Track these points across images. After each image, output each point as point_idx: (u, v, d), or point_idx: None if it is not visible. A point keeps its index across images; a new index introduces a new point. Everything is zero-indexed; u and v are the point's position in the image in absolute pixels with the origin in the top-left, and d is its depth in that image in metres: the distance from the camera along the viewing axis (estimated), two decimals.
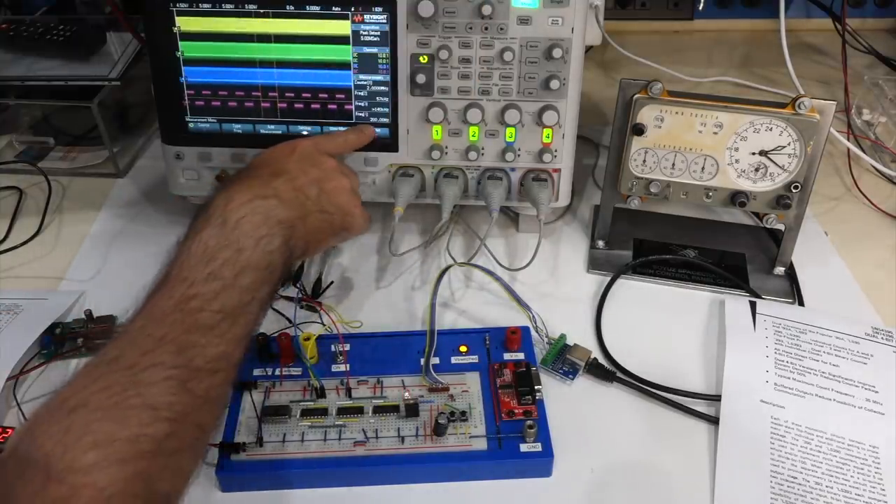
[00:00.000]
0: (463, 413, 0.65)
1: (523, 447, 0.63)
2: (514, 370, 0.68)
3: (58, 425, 0.45)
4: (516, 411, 0.65)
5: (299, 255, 0.66)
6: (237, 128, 0.81)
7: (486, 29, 0.75)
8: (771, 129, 0.73)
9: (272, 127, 0.81)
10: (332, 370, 0.69)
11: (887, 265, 0.84)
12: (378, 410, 0.66)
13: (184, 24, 0.76)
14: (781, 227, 0.79)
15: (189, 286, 0.54)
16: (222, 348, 0.53)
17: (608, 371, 0.71)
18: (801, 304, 0.79)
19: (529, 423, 0.63)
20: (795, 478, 0.62)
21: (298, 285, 0.80)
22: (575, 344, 0.72)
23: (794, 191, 0.75)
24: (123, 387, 0.47)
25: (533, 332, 0.73)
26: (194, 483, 0.61)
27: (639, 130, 0.75)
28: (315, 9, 0.75)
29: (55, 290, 0.81)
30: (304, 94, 0.79)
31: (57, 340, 0.73)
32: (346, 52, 0.77)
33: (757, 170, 0.75)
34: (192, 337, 0.52)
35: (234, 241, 0.57)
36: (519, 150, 0.80)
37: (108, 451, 0.45)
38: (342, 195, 0.69)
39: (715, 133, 0.74)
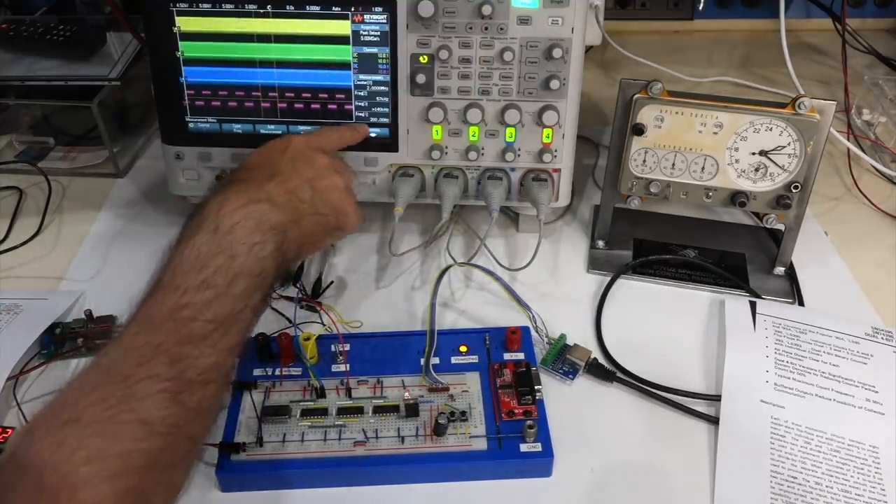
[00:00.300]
0: (463, 413, 0.65)
1: (523, 447, 0.63)
2: (514, 370, 0.68)
3: (52, 437, 0.45)
4: (516, 411, 0.65)
5: (292, 258, 0.65)
6: (237, 128, 0.81)
7: (486, 29, 0.75)
8: (771, 129, 0.73)
9: (272, 127, 0.81)
10: (332, 370, 0.69)
11: (887, 265, 0.84)
12: (378, 410, 0.66)
13: (184, 24, 0.76)
14: (781, 227, 0.79)
15: (182, 294, 0.53)
16: (214, 358, 0.53)
17: (608, 371, 0.71)
18: (801, 304, 0.79)
19: (529, 423, 0.63)
20: (795, 478, 0.62)
21: (298, 285, 0.80)
22: (575, 344, 0.72)
23: (794, 191, 0.75)
24: (118, 400, 0.47)
25: (533, 332, 0.73)
26: (194, 483, 0.62)
27: (639, 130, 0.75)
28: (315, 9, 0.75)
29: (55, 290, 0.81)
30: (304, 94, 0.79)
31: (57, 340, 0.73)
32: (346, 52, 0.77)
33: (757, 170, 0.75)
34: (184, 348, 0.51)
35: (226, 248, 0.57)
36: (519, 150, 0.80)
37: (101, 466, 0.44)
38: (334, 193, 0.68)
39: (715, 133, 0.74)
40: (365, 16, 0.75)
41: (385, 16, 0.75)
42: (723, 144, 0.75)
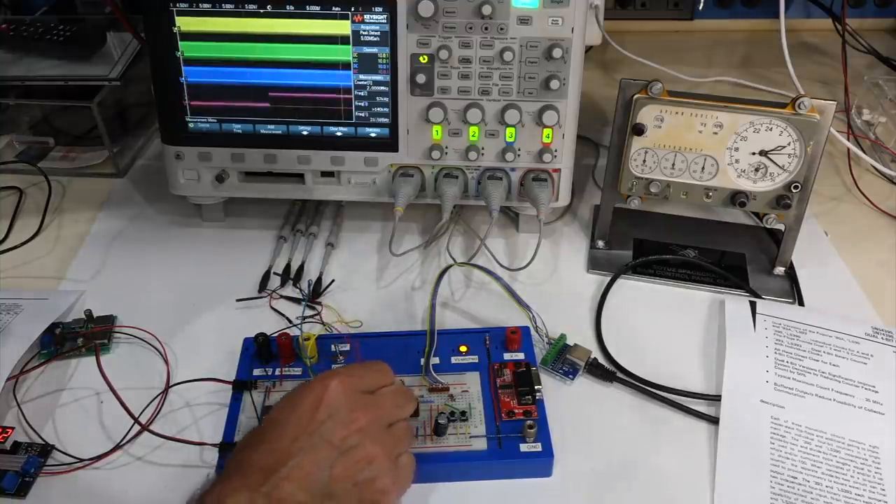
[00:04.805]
0: (463, 413, 0.65)
1: (523, 447, 0.63)
2: (514, 370, 0.68)
3: None
4: (516, 411, 0.65)
5: None
6: (237, 128, 0.81)
7: (486, 29, 0.75)
8: (771, 129, 0.73)
9: (272, 127, 0.81)
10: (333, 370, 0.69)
11: (887, 265, 0.84)
12: None
13: (184, 24, 0.76)
14: (781, 227, 0.79)
15: None
16: None
17: (608, 371, 0.71)
18: (801, 304, 0.79)
19: (529, 423, 0.63)
20: (795, 478, 0.62)
21: (299, 285, 0.80)
22: (575, 344, 0.72)
23: (794, 191, 0.75)
24: None
25: (533, 332, 0.73)
26: (194, 483, 0.62)
27: (639, 130, 0.75)
28: (315, 9, 0.75)
29: (55, 290, 0.81)
30: (304, 94, 0.79)
31: (57, 340, 0.73)
32: (346, 52, 0.77)
33: (757, 170, 0.75)
34: None
35: None
36: (519, 150, 0.80)
37: None
38: (366, 471, 0.54)
39: (715, 133, 0.74)
40: (365, 16, 0.75)
41: (385, 16, 0.75)
42: (723, 144, 0.75)
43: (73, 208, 0.93)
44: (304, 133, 0.81)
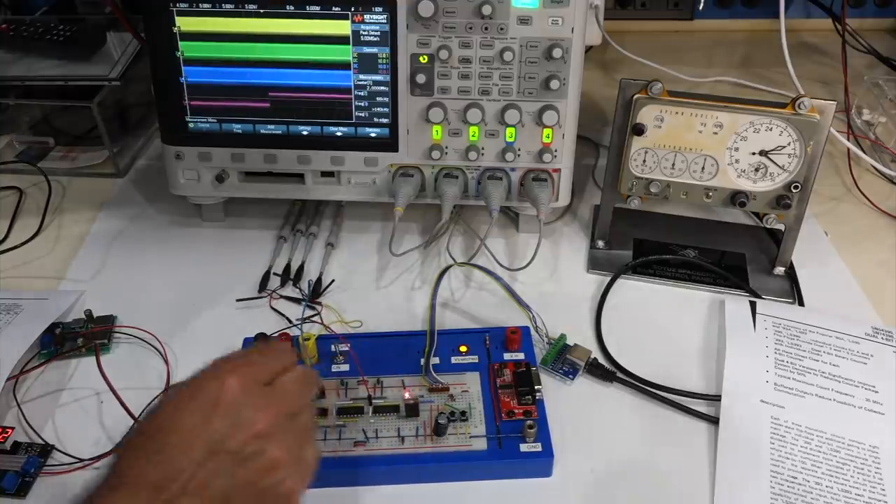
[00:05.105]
0: (463, 413, 0.65)
1: (523, 447, 0.63)
2: (514, 370, 0.68)
3: None
4: (516, 411, 0.65)
5: None
6: (237, 128, 0.81)
7: (486, 29, 0.75)
8: (771, 129, 0.73)
9: (272, 127, 0.81)
10: (332, 370, 0.69)
11: (887, 265, 0.84)
12: (378, 410, 0.66)
13: (184, 24, 0.76)
14: (781, 227, 0.79)
15: None
16: None
17: (608, 371, 0.71)
18: (801, 304, 0.79)
19: (529, 423, 0.63)
20: (795, 478, 0.62)
21: (299, 285, 0.80)
22: (575, 344, 0.72)
23: (794, 191, 0.75)
24: None
25: (533, 332, 0.73)
26: None
27: (639, 130, 0.75)
28: (315, 9, 0.75)
29: (55, 290, 0.81)
30: (304, 94, 0.79)
31: (57, 340, 0.73)
32: (346, 52, 0.77)
33: (757, 170, 0.75)
34: None
35: None
36: (519, 150, 0.80)
37: None
38: (267, 478, 0.49)
39: (715, 133, 0.74)
40: (365, 16, 0.75)
41: (385, 16, 0.75)
42: (723, 144, 0.75)
43: (73, 208, 0.93)
44: (304, 133, 0.81)
